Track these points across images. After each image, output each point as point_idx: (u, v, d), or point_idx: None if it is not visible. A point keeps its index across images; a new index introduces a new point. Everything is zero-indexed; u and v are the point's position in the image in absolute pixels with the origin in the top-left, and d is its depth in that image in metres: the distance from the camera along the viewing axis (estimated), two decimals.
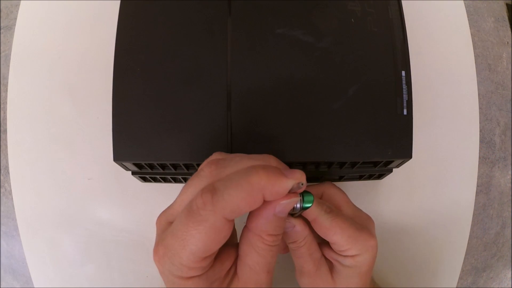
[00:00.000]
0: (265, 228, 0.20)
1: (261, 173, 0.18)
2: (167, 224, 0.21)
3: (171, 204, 0.22)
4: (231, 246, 0.22)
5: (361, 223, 0.27)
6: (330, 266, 0.28)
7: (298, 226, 0.25)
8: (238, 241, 0.22)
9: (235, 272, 0.21)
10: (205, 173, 0.20)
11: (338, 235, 0.25)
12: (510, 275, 1.14)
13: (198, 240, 0.17)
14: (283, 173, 0.18)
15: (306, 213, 0.25)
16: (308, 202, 0.22)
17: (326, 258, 0.28)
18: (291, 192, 0.19)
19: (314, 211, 0.25)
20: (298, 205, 0.22)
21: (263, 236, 0.20)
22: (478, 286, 1.13)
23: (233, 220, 0.19)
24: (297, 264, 0.28)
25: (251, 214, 0.20)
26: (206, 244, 0.18)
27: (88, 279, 0.37)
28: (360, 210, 0.30)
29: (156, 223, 0.22)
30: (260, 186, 0.18)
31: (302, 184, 0.19)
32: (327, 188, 0.30)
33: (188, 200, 0.20)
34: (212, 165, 0.20)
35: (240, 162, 0.20)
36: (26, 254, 0.37)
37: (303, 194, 0.22)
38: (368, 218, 0.29)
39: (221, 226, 0.18)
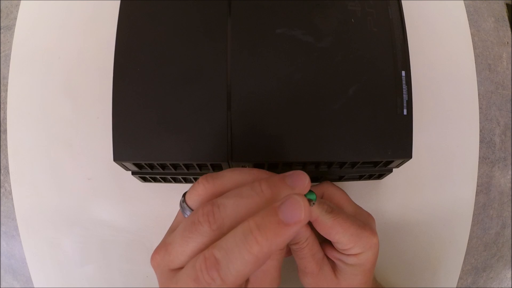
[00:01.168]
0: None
1: (259, 239, 0.16)
2: (170, 272, 0.20)
3: (166, 244, 0.20)
4: None
5: (363, 221, 0.27)
6: (333, 265, 0.28)
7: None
8: None
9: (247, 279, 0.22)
10: (205, 228, 0.18)
11: (340, 234, 0.25)
12: (510, 275, 1.14)
13: None
14: (279, 214, 0.17)
15: None
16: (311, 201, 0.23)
17: (328, 258, 0.28)
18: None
19: (315, 211, 0.25)
20: None
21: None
22: (478, 286, 1.13)
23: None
24: (299, 265, 0.28)
25: None
26: None
27: (88, 279, 0.37)
28: (361, 208, 0.30)
29: (154, 265, 0.21)
30: (263, 253, 0.17)
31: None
32: (326, 188, 0.30)
33: (190, 255, 0.19)
34: (209, 212, 0.19)
35: (235, 200, 0.19)
36: (26, 254, 0.37)
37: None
38: (369, 215, 0.29)
39: None
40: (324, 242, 0.28)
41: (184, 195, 0.22)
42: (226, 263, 0.16)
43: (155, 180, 0.34)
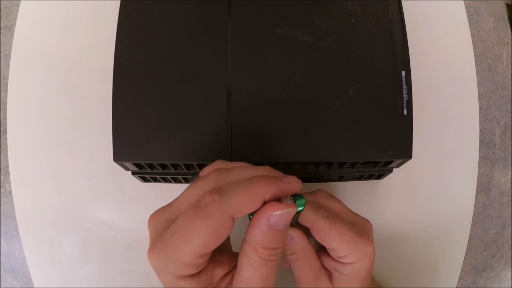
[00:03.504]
0: (260, 240, 0.19)
1: (263, 180, 0.19)
2: (166, 222, 0.21)
3: (170, 203, 0.22)
4: (226, 252, 0.22)
5: (360, 228, 0.27)
6: (329, 274, 0.27)
7: (296, 238, 0.24)
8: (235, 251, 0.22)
9: (231, 282, 0.21)
10: (212, 176, 0.21)
11: (337, 241, 0.24)
12: (510, 275, 1.14)
13: (203, 234, 0.18)
14: (281, 180, 0.20)
15: (304, 220, 0.24)
16: (300, 206, 0.22)
17: (324, 267, 0.27)
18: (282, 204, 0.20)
19: (311, 217, 0.24)
20: None
21: (258, 249, 0.19)
22: (478, 286, 1.13)
23: (234, 220, 0.19)
24: (296, 274, 0.27)
25: (248, 226, 0.20)
26: (208, 240, 0.18)
27: (88, 279, 0.37)
28: (358, 215, 0.29)
29: (150, 222, 0.22)
30: (262, 191, 0.19)
31: (291, 199, 0.20)
32: (323, 197, 0.29)
33: (194, 199, 0.20)
34: (218, 170, 0.22)
35: (243, 171, 0.21)
36: (26, 254, 0.37)
37: (294, 198, 0.22)
38: (366, 222, 0.28)
39: (225, 223, 0.19)
40: (320, 251, 0.27)
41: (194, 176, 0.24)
42: (230, 190, 0.19)
43: (155, 180, 0.34)
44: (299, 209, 0.22)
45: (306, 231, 0.25)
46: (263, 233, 0.19)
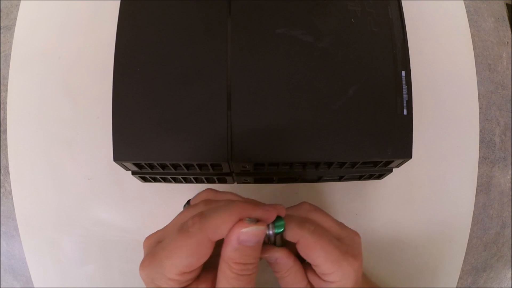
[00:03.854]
0: (232, 256, 0.21)
1: (237, 205, 0.22)
2: (157, 242, 0.23)
3: (162, 228, 0.25)
4: (214, 269, 0.23)
5: (347, 244, 0.26)
6: None
7: (279, 259, 0.24)
8: None
9: None
10: (200, 205, 0.24)
11: (321, 258, 0.24)
12: (510, 275, 1.14)
13: (184, 252, 0.21)
14: (257, 207, 0.22)
15: (290, 235, 0.24)
16: (279, 227, 0.23)
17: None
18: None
19: (297, 232, 0.24)
20: (271, 232, 0.23)
21: (230, 264, 0.21)
22: (478, 286, 1.13)
23: (214, 243, 0.21)
24: None
25: (223, 243, 0.22)
26: (188, 257, 0.21)
27: (88, 279, 0.37)
28: (345, 228, 0.28)
29: (144, 243, 0.25)
30: (236, 214, 0.21)
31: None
32: (306, 212, 0.28)
33: (180, 223, 0.23)
34: (206, 200, 0.25)
35: (228, 199, 0.24)
36: (26, 254, 0.37)
37: (274, 220, 0.23)
38: (354, 235, 0.27)
39: (204, 243, 0.21)
40: (307, 267, 0.27)
41: (188, 201, 0.27)
42: (209, 214, 0.21)
43: (155, 180, 0.34)
44: (278, 230, 0.23)
45: (294, 249, 0.25)
46: (234, 248, 0.21)
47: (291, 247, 0.25)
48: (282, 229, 0.23)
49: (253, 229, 0.21)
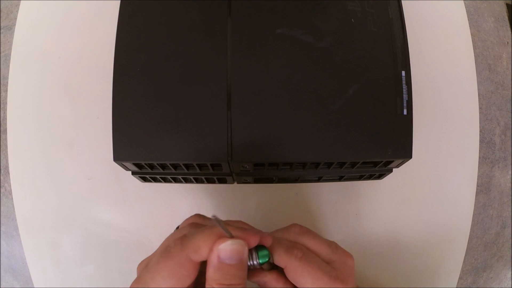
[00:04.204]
0: (214, 276, 0.21)
1: (217, 228, 0.22)
2: (145, 267, 0.24)
3: (153, 253, 0.25)
4: None
5: (337, 268, 0.25)
6: None
7: (268, 283, 0.24)
8: None
9: None
10: (185, 228, 0.25)
11: (309, 284, 0.24)
12: (510, 275, 1.14)
13: (166, 272, 0.21)
14: (239, 229, 0.22)
15: (277, 261, 0.24)
16: (264, 257, 0.23)
17: None
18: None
19: (284, 258, 0.24)
20: (255, 262, 0.23)
21: (213, 285, 0.21)
22: (478, 286, 1.13)
23: (197, 264, 0.21)
24: None
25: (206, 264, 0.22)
26: (171, 278, 0.21)
27: (88, 279, 0.37)
28: (337, 250, 0.27)
29: (137, 267, 0.26)
30: (218, 233, 0.21)
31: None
32: (296, 236, 0.27)
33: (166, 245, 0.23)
34: (192, 224, 0.26)
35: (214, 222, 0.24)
36: (26, 254, 0.37)
37: (258, 249, 0.23)
38: (346, 258, 0.27)
39: (184, 263, 0.21)
40: None
41: (178, 227, 0.28)
42: (191, 235, 0.22)
43: (155, 180, 0.34)
44: (262, 260, 0.23)
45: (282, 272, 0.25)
46: (215, 268, 0.21)
47: (281, 269, 0.25)
48: (266, 259, 0.23)
49: (230, 244, 0.21)
